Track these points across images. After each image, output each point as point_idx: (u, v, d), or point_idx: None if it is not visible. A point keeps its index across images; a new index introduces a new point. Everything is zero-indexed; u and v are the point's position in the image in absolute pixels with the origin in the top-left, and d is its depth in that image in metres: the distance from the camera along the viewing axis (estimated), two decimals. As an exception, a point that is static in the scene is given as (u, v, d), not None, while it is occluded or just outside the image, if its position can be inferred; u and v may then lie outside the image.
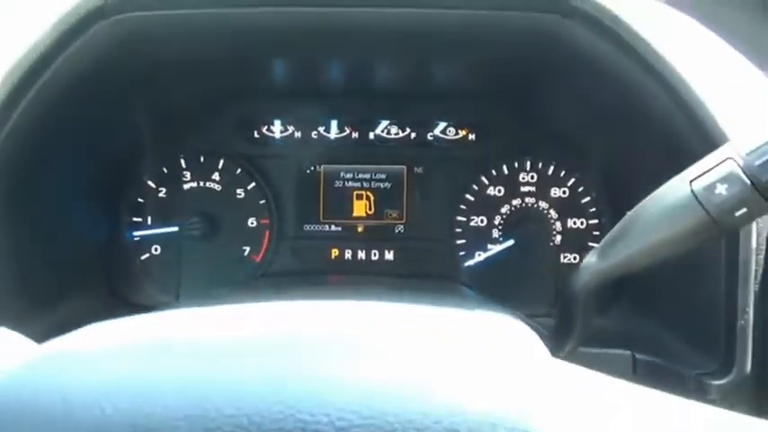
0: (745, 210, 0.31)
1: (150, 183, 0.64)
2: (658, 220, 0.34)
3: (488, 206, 0.63)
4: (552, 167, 0.62)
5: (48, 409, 0.23)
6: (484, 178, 0.63)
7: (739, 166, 0.31)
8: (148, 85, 0.53)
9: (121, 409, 0.21)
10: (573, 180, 0.62)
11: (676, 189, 0.34)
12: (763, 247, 0.41)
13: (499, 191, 0.63)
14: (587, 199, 0.62)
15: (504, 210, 0.63)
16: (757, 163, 0.31)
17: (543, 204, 0.62)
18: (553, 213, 0.62)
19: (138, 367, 0.23)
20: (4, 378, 0.26)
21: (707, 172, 0.33)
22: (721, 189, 0.32)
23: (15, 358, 0.26)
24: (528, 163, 0.62)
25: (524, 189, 0.63)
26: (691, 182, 0.33)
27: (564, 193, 0.62)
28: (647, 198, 0.36)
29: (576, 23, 0.42)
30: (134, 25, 0.42)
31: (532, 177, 0.63)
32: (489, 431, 0.21)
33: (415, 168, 0.64)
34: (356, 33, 0.46)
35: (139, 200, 0.64)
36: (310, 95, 0.63)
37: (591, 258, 0.38)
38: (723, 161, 0.32)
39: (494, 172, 0.63)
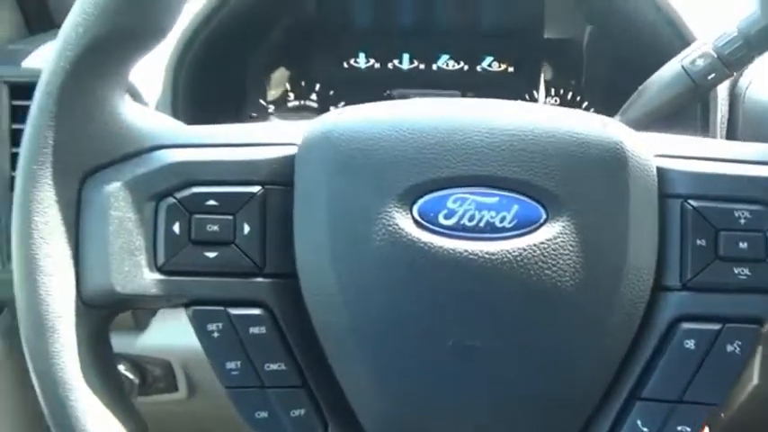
0: (714, 74, 0.51)
1: (261, 101, 0.83)
2: (659, 87, 0.54)
3: (523, 122, 0.83)
4: (571, 94, 0.82)
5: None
6: (520, 101, 0.82)
7: (710, 47, 0.52)
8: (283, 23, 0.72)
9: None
10: (586, 103, 0.82)
11: (671, 66, 0.54)
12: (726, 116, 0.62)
13: (531, 110, 0.83)
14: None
15: (535, 124, 0.83)
16: (719, 44, 0.51)
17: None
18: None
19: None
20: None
21: (690, 54, 0.53)
22: (699, 62, 0.52)
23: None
24: (552, 90, 0.82)
25: (550, 109, 0.83)
26: (680, 60, 0.53)
27: (578, 112, 0.82)
28: (651, 77, 0.56)
29: None
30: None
31: (556, 101, 0.83)
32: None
33: (467, 93, 0.83)
34: None
35: (253, 114, 0.83)
36: (388, 35, 0.82)
37: (616, 118, 0.57)
38: (701, 46, 0.52)
39: (527, 96, 0.82)
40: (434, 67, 0.83)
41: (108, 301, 0.36)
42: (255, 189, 0.37)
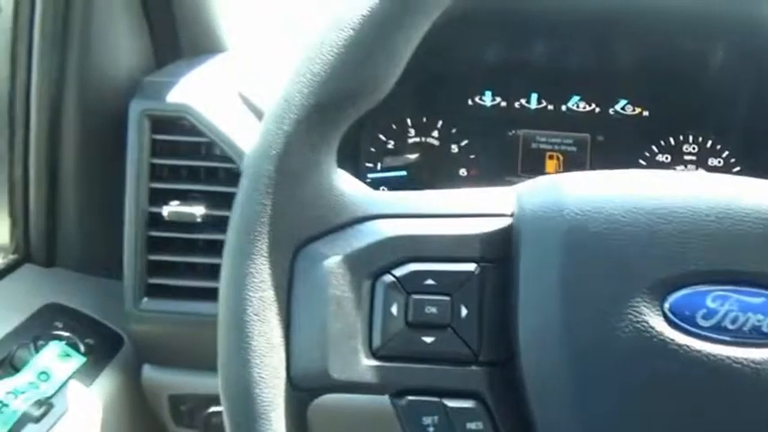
0: None
1: (381, 136, 0.80)
2: None
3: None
4: (711, 141, 0.77)
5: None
6: (654, 147, 0.78)
7: None
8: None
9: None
10: (726, 152, 0.77)
11: None
12: None
13: (666, 158, 0.78)
14: (737, 169, 0.77)
15: (670, 173, 0.78)
16: None
17: (702, 171, 0.77)
18: (710, 178, 0.77)
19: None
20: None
21: None
22: None
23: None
24: (690, 137, 0.78)
25: (687, 158, 0.78)
26: None
27: (719, 162, 0.77)
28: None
29: None
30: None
31: (694, 148, 0.78)
32: None
33: (598, 137, 0.79)
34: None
35: (372, 149, 0.81)
36: (517, 73, 0.79)
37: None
38: None
39: (662, 143, 0.78)
40: (564, 108, 0.79)
41: (318, 384, 0.33)
42: (472, 267, 0.33)
